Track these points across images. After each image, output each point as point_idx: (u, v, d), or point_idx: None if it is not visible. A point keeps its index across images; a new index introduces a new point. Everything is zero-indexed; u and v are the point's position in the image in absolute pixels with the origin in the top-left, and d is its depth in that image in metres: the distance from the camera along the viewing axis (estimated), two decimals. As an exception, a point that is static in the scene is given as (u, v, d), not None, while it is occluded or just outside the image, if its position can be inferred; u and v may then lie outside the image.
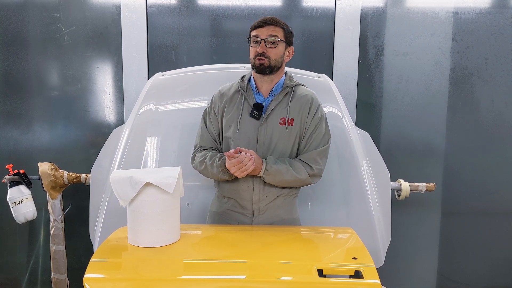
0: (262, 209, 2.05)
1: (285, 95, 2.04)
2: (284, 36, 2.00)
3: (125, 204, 1.68)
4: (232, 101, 2.06)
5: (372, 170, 2.36)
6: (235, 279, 1.49)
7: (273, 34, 1.96)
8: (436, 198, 3.09)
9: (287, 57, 2.04)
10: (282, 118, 2.00)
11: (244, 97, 2.04)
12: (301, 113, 2.02)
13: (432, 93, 3.03)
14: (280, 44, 1.98)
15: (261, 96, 2.05)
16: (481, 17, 2.98)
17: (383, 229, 2.33)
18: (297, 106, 2.03)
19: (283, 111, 2.01)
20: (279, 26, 1.99)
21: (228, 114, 2.05)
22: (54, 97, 3.05)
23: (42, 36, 2.99)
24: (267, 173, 1.94)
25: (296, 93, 2.06)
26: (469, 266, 3.19)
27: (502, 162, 3.08)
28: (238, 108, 2.03)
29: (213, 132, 2.09)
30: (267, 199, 2.04)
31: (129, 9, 2.94)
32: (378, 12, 2.99)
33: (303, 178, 2.00)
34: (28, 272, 3.18)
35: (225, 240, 1.83)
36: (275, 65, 1.98)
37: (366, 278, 1.45)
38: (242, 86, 2.06)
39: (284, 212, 2.08)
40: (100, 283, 1.49)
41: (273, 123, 2.00)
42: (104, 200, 2.30)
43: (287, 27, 2.02)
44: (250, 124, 2.01)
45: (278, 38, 1.97)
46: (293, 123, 2.01)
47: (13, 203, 2.45)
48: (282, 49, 2.00)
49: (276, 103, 2.01)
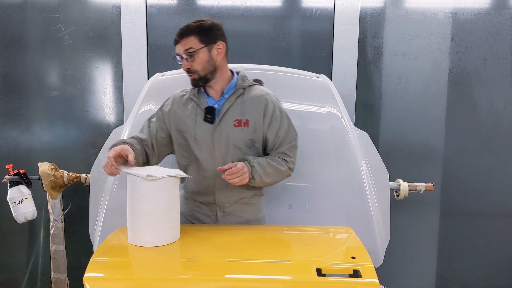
0: (226, 211, 2.04)
1: (238, 96, 1.98)
2: (200, 40, 1.89)
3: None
4: (185, 108, 2.01)
5: (371, 170, 2.37)
6: (234, 279, 1.49)
7: (187, 47, 1.88)
8: (435, 198, 3.10)
9: (218, 55, 1.93)
10: (237, 120, 1.95)
11: (196, 103, 1.99)
12: (256, 114, 1.96)
13: (431, 94, 3.04)
14: (198, 53, 1.89)
15: (212, 99, 2.00)
16: (480, 18, 2.99)
17: (382, 228, 2.33)
18: (251, 107, 1.97)
19: (237, 113, 1.96)
20: (192, 34, 1.88)
21: (182, 122, 2.00)
22: (54, 97, 3.06)
23: (42, 37, 3.00)
24: (254, 170, 1.89)
25: (250, 93, 1.99)
26: (468, 266, 3.19)
27: (500, 163, 3.08)
28: (192, 115, 1.99)
29: (153, 134, 2.02)
30: (230, 201, 2.03)
31: (128, 9, 2.94)
32: (377, 12, 3.00)
33: (284, 169, 1.97)
34: (28, 272, 3.18)
35: (225, 239, 1.84)
36: (206, 73, 1.92)
37: (364, 277, 1.46)
38: (194, 92, 2.01)
39: (249, 214, 2.07)
40: (100, 282, 1.49)
41: (228, 125, 1.95)
42: (104, 200, 2.30)
43: (202, 26, 1.90)
44: (205, 129, 1.96)
45: (194, 49, 1.88)
46: (249, 125, 1.95)
47: (13, 203, 2.45)
48: (205, 55, 1.90)
49: (229, 105, 1.96)
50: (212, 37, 1.92)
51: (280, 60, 2.96)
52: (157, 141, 2.03)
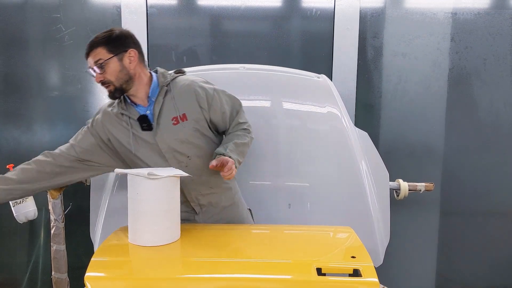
0: (202, 204, 2.06)
1: (165, 94, 1.93)
2: (109, 50, 1.84)
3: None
4: (118, 124, 1.96)
5: (371, 170, 2.37)
6: (235, 278, 1.50)
7: (96, 59, 1.84)
8: (435, 198, 3.10)
9: (131, 63, 1.88)
10: (174, 118, 1.92)
11: (127, 116, 1.94)
12: (190, 104, 1.93)
13: (431, 94, 3.04)
14: (109, 64, 1.84)
15: (142, 107, 1.95)
16: (480, 18, 2.99)
17: (382, 228, 2.34)
18: (182, 100, 1.93)
19: (171, 110, 1.92)
20: (100, 45, 1.85)
21: (120, 137, 1.96)
22: (54, 97, 3.06)
23: (42, 37, 3.00)
24: (233, 158, 1.84)
25: (176, 87, 1.95)
26: (468, 266, 3.19)
27: (500, 162, 3.09)
28: (127, 129, 1.95)
29: (80, 149, 2.00)
30: (202, 193, 2.04)
31: (129, 9, 2.95)
32: (377, 12, 3.00)
33: (248, 140, 1.97)
34: (28, 272, 3.19)
35: (225, 239, 1.84)
36: (120, 83, 1.87)
37: (364, 277, 1.46)
38: (122, 106, 1.95)
39: (224, 200, 2.08)
40: (101, 281, 1.50)
41: (167, 126, 1.92)
42: (104, 200, 2.31)
43: (110, 36, 1.86)
44: (147, 138, 1.93)
45: (103, 60, 1.84)
46: (187, 118, 1.92)
47: (14, 202, 2.45)
48: (116, 65, 1.85)
49: (159, 106, 1.91)
50: (122, 46, 1.87)
51: (280, 60, 2.97)
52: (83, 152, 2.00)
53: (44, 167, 1.98)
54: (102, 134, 2.00)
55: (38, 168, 1.97)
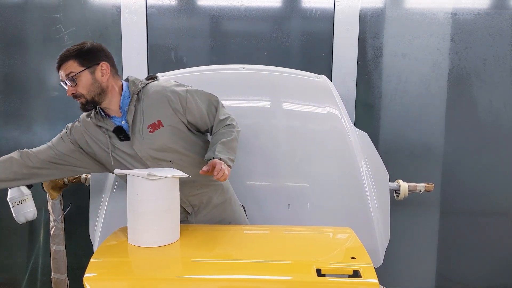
0: (193, 204, 2.06)
1: (136, 103, 1.91)
2: (80, 63, 1.84)
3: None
4: (96, 138, 1.96)
5: (371, 171, 2.37)
6: (234, 279, 1.50)
7: (68, 72, 1.83)
8: (435, 198, 3.10)
9: (103, 76, 1.87)
10: (149, 125, 1.90)
11: (104, 128, 1.93)
12: (164, 110, 1.91)
13: (431, 94, 3.04)
14: (80, 77, 1.84)
15: (117, 118, 1.94)
16: (480, 18, 2.99)
17: (381, 229, 2.34)
18: (156, 106, 1.91)
19: (146, 118, 1.90)
20: (71, 58, 1.84)
21: (98, 152, 1.97)
22: (54, 97, 3.06)
23: (42, 37, 3.00)
24: (222, 159, 1.80)
25: (148, 94, 1.93)
26: (468, 266, 3.19)
27: (500, 163, 3.09)
28: (105, 142, 1.94)
29: (57, 151, 2.02)
30: (191, 194, 2.03)
31: (129, 10, 2.95)
32: (377, 13, 3.00)
33: (235, 134, 1.94)
34: (28, 272, 3.19)
35: (225, 239, 1.84)
36: (92, 96, 1.86)
37: (364, 278, 1.46)
38: (99, 119, 1.94)
39: (215, 197, 2.08)
40: (100, 282, 1.50)
41: (144, 134, 1.90)
42: (104, 200, 2.31)
43: (81, 49, 1.85)
44: (125, 149, 1.92)
45: (74, 73, 1.83)
46: (163, 123, 1.90)
47: (13, 203, 2.45)
48: (88, 77, 1.85)
49: (132, 115, 1.89)
50: (93, 59, 1.86)
51: (280, 60, 2.97)
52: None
53: (14, 166, 2.02)
54: (81, 142, 2.00)
55: (6, 166, 2.01)
